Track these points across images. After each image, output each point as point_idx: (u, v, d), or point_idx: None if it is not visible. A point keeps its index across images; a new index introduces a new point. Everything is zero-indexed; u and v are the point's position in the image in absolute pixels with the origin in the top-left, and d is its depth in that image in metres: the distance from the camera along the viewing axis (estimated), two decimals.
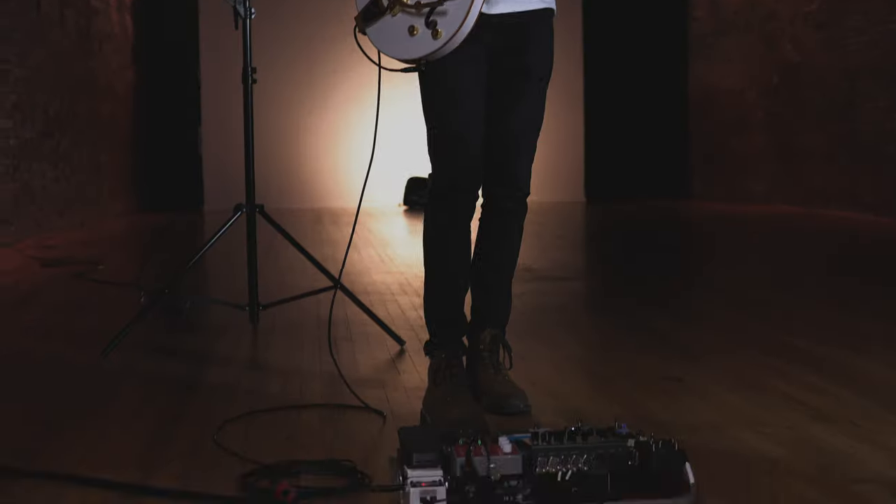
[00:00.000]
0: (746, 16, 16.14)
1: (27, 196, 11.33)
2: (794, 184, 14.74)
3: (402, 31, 3.67)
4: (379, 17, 3.72)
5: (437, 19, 3.61)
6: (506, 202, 3.92)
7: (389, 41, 3.70)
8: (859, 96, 13.00)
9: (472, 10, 3.57)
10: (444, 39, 3.60)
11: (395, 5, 3.68)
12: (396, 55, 3.70)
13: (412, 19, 3.65)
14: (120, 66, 15.99)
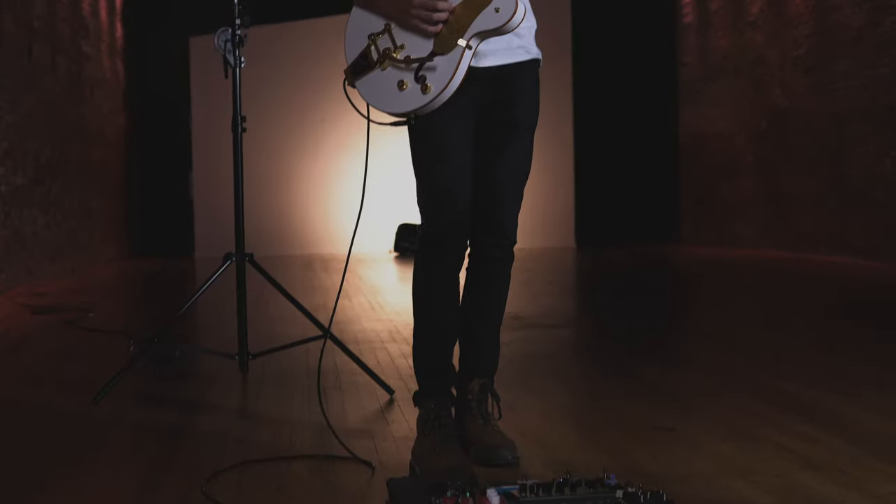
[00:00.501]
0: (735, 61, 16.22)
1: (18, 243, 11.33)
2: (784, 228, 14.78)
3: (391, 85, 3.69)
4: (368, 70, 3.74)
5: (427, 74, 3.63)
6: (492, 251, 3.93)
7: (379, 95, 3.72)
8: (848, 141, 13.05)
9: (460, 65, 3.60)
10: (433, 94, 3.62)
11: (385, 59, 3.71)
12: (386, 109, 3.72)
13: (401, 74, 3.68)
14: (111, 112, 16.03)
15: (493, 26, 3.59)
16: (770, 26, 15.19)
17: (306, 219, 17.65)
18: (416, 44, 3.67)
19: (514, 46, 3.83)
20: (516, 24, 3.59)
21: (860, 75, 12.80)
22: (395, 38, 3.71)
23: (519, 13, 3.57)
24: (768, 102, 15.27)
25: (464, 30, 3.61)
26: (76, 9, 14.05)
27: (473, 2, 3.61)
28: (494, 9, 3.58)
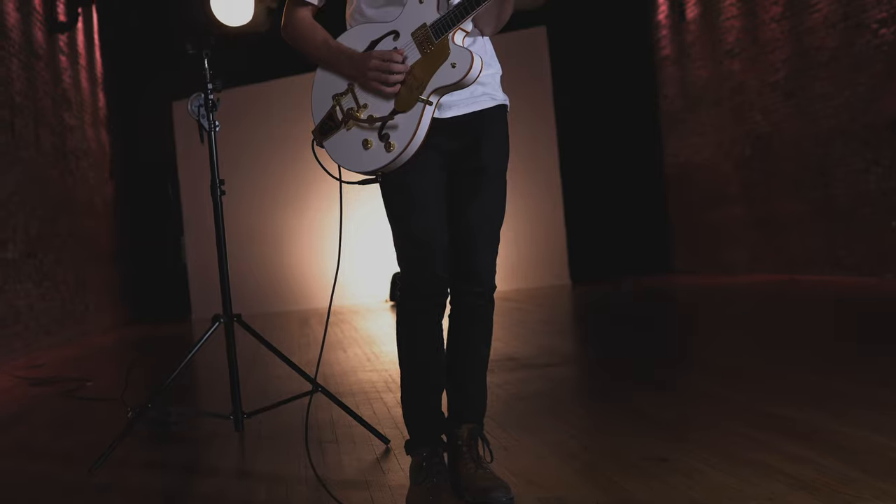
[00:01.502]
0: (715, 90, 16.31)
1: (13, 316, 11.35)
2: (775, 252, 14.82)
3: (356, 144, 3.75)
4: (335, 130, 3.81)
5: (390, 132, 3.69)
6: (471, 298, 3.95)
7: (345, 155, 3.78)
8: (832, 160, 13.12)
9: (422, 121, 3.65)
10: (397, 152, 3.68)
11: (349, 120, 3.77)
12: (353, 168, 3.77)
13: (366, 133, 3.74)
14: (98, 182, 16.09)
15: (451, 81, 3.64)
16: (746, 53, 15.29)
17: (300, 274, 17.68)
18: (378, 103, 3.73)
19: (478, 94, 3.85)
20: (474, 78, 3.64)
21: (838, 96, 12.88)
22: (357, 98, 3.77)
23: (475, 67, 3.63)
24: (750, 129, 15.35)
25: (423, 87, 3.66)
26: (57, 81, 14.13)
27: (431, 59, 3.66)
28: (451, 64, 3.63)
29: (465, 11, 3.63)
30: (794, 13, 13.81)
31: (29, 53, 12.80)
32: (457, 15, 3.64)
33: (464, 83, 3.65)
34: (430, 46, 3.67)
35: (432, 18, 3.67)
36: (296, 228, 17.63)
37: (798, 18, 13.72)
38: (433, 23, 3.67)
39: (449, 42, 3.66)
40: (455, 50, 3.65)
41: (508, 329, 10.30)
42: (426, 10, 3.68)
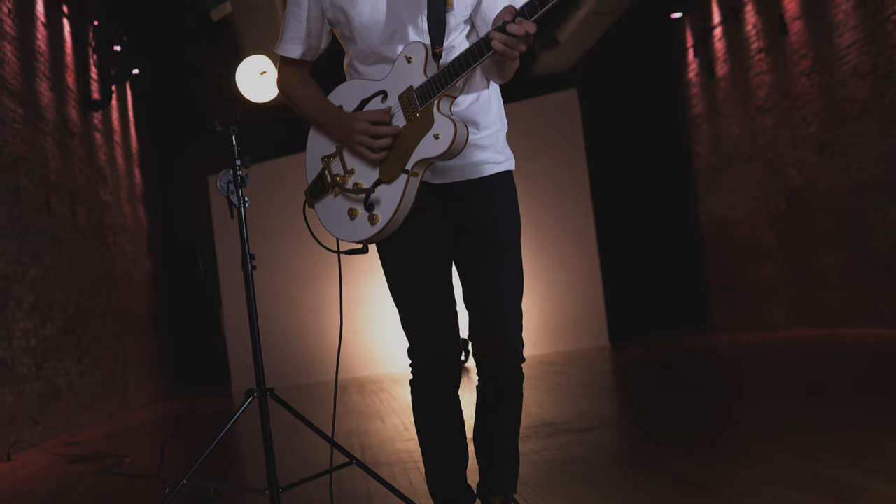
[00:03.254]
0: (748, 146, 16.30)
1: (52, 394, 11.38)
2: (814, 306, 14.73)
3: (343, 212, 3.71)
4: (324, 194, 3.77)
5: (375, 203, 3.63)
6: (501, 375, 3.82)
7: (333, 221, 3.75)
8: (868, 212, 13.05)
9: (405, 195, 3.58)
10: (380, 225, 3.62)
11: (336, 186, 3.72)
12: (339, 236, 3.74)
13: (351, 202, 3.69)
14: (136, 256, 16.18)
15: (434, 154, 3.54)
16: (778, 108, 15.28)
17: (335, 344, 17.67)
18: (365, 169, 3.66)
19: (478, 161, 3.74)
20: (459, 149, 3.53)
21: (872, 147, 12.83)
22: (345, 163, 3.71)
23: (460, 138, 3.51)
24: (785, 183, 15.31)
25: (407, 156, 3.58)
26: (92, 159, 14.25)
27: (415, 127, 3.58)
28: (434, 135, 3.53)
29: (450, 78, 3.54)
30: (824, 66, 13.79)
31: (64, 132, 12.92)
32: (441, 81, 3.54)
33: (448, 155, 3.54)
34: (416, 113, 3.58)
35: (418, 82, 3.58)
36: (329, 298, 17.64)
37: (828, 71, 13.71)
38: (419, 87, 3.58)
39: (433, 110, 3.56)
40: (439, 120, 3.54)
41: (547, 393, 10.24)
42: (413, 72, 3.60)
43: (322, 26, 3.80)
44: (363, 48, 3.72)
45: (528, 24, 3.39)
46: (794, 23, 14.46)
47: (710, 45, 17.47)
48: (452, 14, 3.67)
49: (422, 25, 3.65)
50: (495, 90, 3.83)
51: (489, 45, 3.44)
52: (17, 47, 11.33)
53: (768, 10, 15.21)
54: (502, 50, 3.42)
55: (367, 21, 3.67)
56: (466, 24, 3.74)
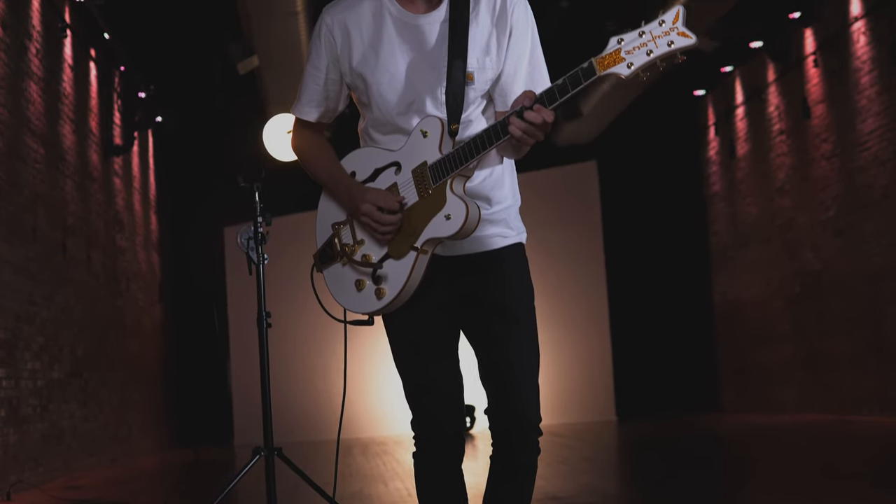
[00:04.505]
0: (765, 226, 16.29)
1: (56, 436, 11.34)
2: (825, 391, 14.66)
3: (350, 282, 3.65)
4: (333, 261, 3.70)
5: (382, 277, 3.58)
6: (515, 450, 3.69)
7: (340, 290, 3.69)
8: (884, 298, 13.00)
9: (414, 271, 3.53)
10: (387, 299, 3.56)
11: (344, 256, 3.67)
12: (345, 305, 3.68)
13: (359, 274, 3.63)
14: (147, 304, 16.18)
15: (444, 235, 3.50)
16: (797, 191, 15.28)
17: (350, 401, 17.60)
18: (373, 243, 3.61)
19: (488, 234, 3.66)
20: (470, 230, 3.49)
21: (890, 234, 12.81)
22: (355, 233, 3.66)
23: (471, 221, 3.47)
24: (800, 266, 15.28)
25: (417, 234, 3.53)
26: (110, 203, 14.27)
27: (427, 204, 3.53)
28: (445, 216, 3.48)
29: (464, 159, 3.48)
30: (845, 150, 13.80)
31: (84, 175, 12.96)
32: (455, 161, 3.49)
33: (459, 236, 3.49)
34: (428, 191, 3.52)
35: (433, 158, 3.52)
36: (338, 356, 17.56)
37: (848, 156, 13.71)
38: (433, 163, 3.52)
39: (446, 190, 3.49)
40: (451, 200, 3.48)
41: (552, 466, 10.16)
42: (428, 147, 3.54)
43: (340, 90, 3.75)
44: (379, 116, 3.67)
45: (547, 113, 3.37)
46: (816, 106, 14.48)
47: (732, 125, 17.51)
48: (472, 88, 3.62)
49: (440, 98, 3.60)
50: (509, 165, 3.76)
51: (506, 130, 3.41)
52: (44, 88, 11.38)
53: (792, 93, 15.25)
54: (519, 136, 3.40)
55: (385, 89, 3.62)
56: (484, 99, 3.68)
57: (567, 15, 13.68)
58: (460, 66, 3.57)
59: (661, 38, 3.30)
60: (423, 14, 3.63)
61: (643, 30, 3.33)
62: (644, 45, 3.31)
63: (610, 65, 3.34)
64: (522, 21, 3.66)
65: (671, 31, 3.29)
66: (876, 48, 12.84)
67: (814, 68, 14.43)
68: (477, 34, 3.61)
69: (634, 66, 3.32)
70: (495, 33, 3.63)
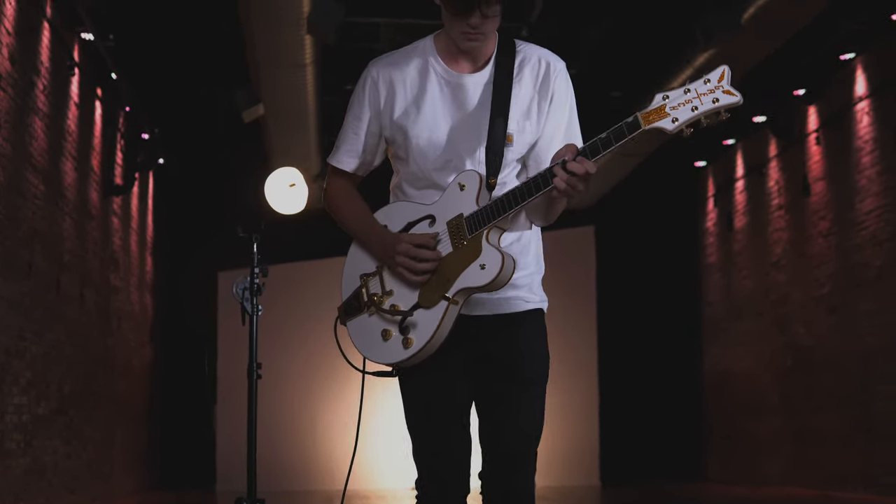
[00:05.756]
0: (759, 300, 16.31)
1: (37, 472, 11.28)
2: (811, 467, 14.63)
3: (376, 333, 3.63)
4: (358, 312, 3.68)
5: (410, 327, 3.56)
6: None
7: (364, 340, 3.66)
8: (874, 378, 13.01)
9: (444, 321, 3.52)
10: (414, 349, 3.55)
11: (372, 305, 3.65)
12: (369, 356, 3.65)
13: (386, 323, 3.61)
14: (138, 344, 16.16)
15: (478, 284, 3.50)
16: (793, 266, 15.31)
17: (327, 453, 17.52)
18: (404, 292, 3.60)
19: (510, 296, 3.69)
20: (503, 283, 3.51)
21: (884, 314, 12.82)
22: (384, 283, 3.65)
23: (506, 272, 3.49)
24: (792, 341, 15.28)
25: (449, 284, 3.53)
26: (107, 243, 14.28)
27: (461, 255, 3.54)
28: (480, 265, 3.50)
29: (504, 209, 3.51)
30: (842, 229, 13.84)
31: (82, 213, 12.97)
32: (494, 212, 3.52)
33: (492, 287, 3.51)
34: (463, 241, 3.54)
35: (470, 210, 3.55)
36: (325, 406, 17.53)
37: (846, 234, 13.75)
38: (469, 215, 3.55)
39: (482, 240, 3.52)
40: (487, 250, 3.51)
41: None
42: (465, 200, 3.57)
43: (378, 143, 3.78)
44: (415, 171, 3.69)
45: (589, 164, 3.40)
46: (816, 183, 14.54)
47: (731, 197, 17.56)
48: (510, 149, 3.65)
49: (479, 157, 3.64)
50: (536, 234, 3.80)
51: (548, 181, 3.44)
52: (48, 124, 11.41)
53: (792, 169, 15.31)
54: (563, 188, 3.42)
55: (425, 144, 3.66)
56: (519, 163, 3.72)
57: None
58: (501, 126, 3.62)
59: (707, 95, 3.34)
60: (468, 74, 3.69)
61: (688, 87, 3.37)
62: (689, 101, 3.35)
63: (655, 119, 3.37)
64: (563, 90, 3.72)
65: (716, 90, 3.33)
66: (879, 128, 12.91)
67: (816, 145, 14.50)
68: (519, 98, 3.67)
69: (679, 121, 3.35)
70: (537, 99, 3.69)
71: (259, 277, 5.53)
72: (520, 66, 3.69)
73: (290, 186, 7.33)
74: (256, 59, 12.42)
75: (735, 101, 3.33)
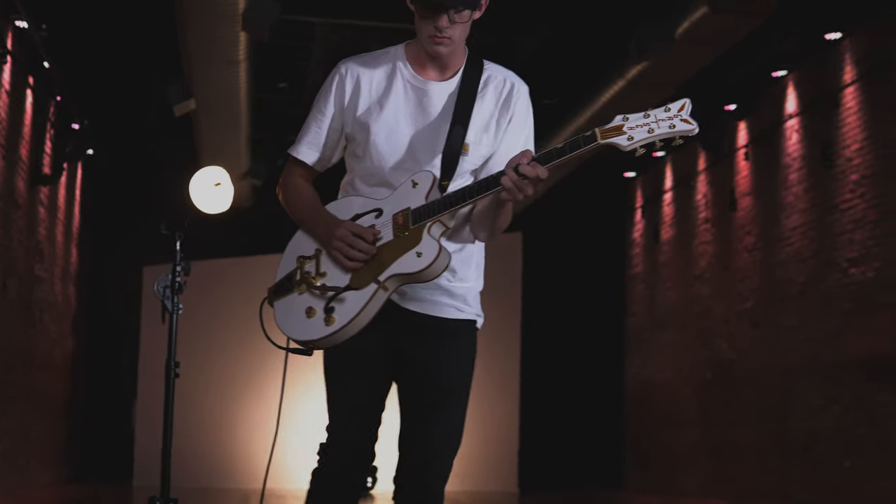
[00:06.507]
0: (682, 313, 16.42)
1: None
2: (727, 480, 14.76)
3: (301, 310, 3.67)
4: (288, 292, 3.73)
5: (336, 306, 3.61)
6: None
7: (287, 319, 3.71)
8: (793, 394, 13.14)
9: (370, 304, 3.58)
10: (335, 327, 3.60)
11: (303, 283, 3.71)
12: (289, 334, 3.70)
13: (313, 301, 3.66)
14: (59, 336, 16.00)
15: (411, 270, 3.57)
16: (717, 280, 15.43)
17: (246, 451, 17.44)
18: (336, 274, 3.66)
19: (444, 303, 3.77)
20: (436, 273, 3.58)
21: (804, 330, 12.96)
22: (319, 265, 3.70)
23: (440, 262, 3.56)
24: (714, 354, 15.40)
25: (384, 268, 3.60)
26: (32, 233, 14.13)
27: (400, 243, 3.61)
28: (416, 253, 3.58)
29: (450, 204, 3.60)
30: (767, 244, 13.98)
31: (8, 202, 12.82)
32: (441, 205, 3.60)
33: (424, 275, 3.57)
34: (406, 231, 3.62)
35: (417, 204, 3.63)
36: (245, 405, 17.45)
37: (770, 250, 13.88)
38: (416, 208, 3.62)
39: (424, 231, 3.60)
40: (426, 240, 3.59)
41: None
42: (415, 196, 3.64)
43: (339, 140, 3.86)
44: (370, 168, 3.77)
45: (541, 169, 3.51)
46: (743, 198, 14.67)
47: (659, 209, 17.68)
48: (466, 159, 3.75)
49: (435, 161, 3.72)
50: (479, 249, 3.88)
51: (497, 182, 3.54)
52: None
53: (720, 183, 15.43)
54: (509, 187, 3.51)
55: (383, 143, 3.74)
56: (472, 175, 3.79)
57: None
58: (460, 135, 3.72)
59: (665, 121, 3.50)
60: (434, 81, 3.79)
61: (649, 112, 3.53)
62: (647, 124, 3.51)
63: (611, 136, 3.53)
64: (523, 112, 3.84)
65: (674, 118, 3.50)
66: (807, 146, 13.06)
67: (744, 161, 14.63)
68: (481, 111, 3.77)
69: (635, 139, 3.51)
70: (497, 115, 3.80)
71: (181, 275, 5.50)
72: (485, 82, 3.81)
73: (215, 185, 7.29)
74: (190, 53, 12.35)
75: (690, 129, 3.49)
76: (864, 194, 11.88)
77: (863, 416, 11.78)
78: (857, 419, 11.87)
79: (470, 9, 3.65)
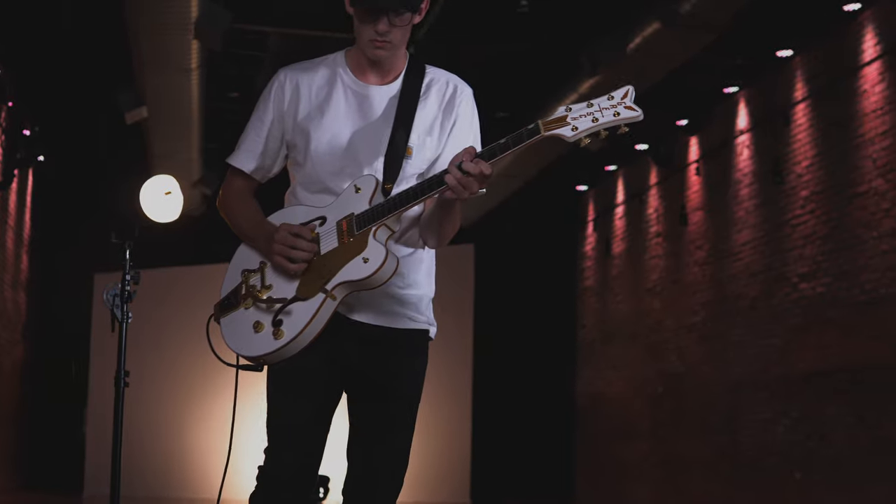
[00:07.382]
0: (632, 325, 16.49)
1: None
2: (676, 492, 14.82)
3: (248, 325, 3.60)
4: (234, 308, 3.66)
5: (283, 319, 3.53)
6: None
7: (235, 335, 3.64)
8: (742, 407, 13.22)
9: (318, 314, 3.51)
10: (284, 341, 3.52)
11: (249, 298, 3.63)
12: (238, 350, 3.62)
13: (261, 315, 3.59)
14: (9, 343, 15.89)
15: (359, 277, 3.49)
16: (667, 293, 15.51)
17: (197, 461, 17.36)
18: (283, 285, 3.58)
19: (396, 312, 3.69)
20: (384, 278, 3.49)
21: (754, 344, 13.04)
22: (265, 277, 3.63)
23: (388, 267, 3.48)
24: (664, 367, 15.47)
25: (330, 276, 3.52)
26: None
27: (346, 249, 3.54)
28: (363, 259, 3.50)
29: (395, 206, 3.52)
30: (718, 259, 14.06)
31: None
32: (385, 209, 3.52)
33: (372, 281, 3.49)
34: (350, 237, 3.54)
35: (361, 209, 3.56)
36: (196, 414, 17.37)
37: (721, 264, 13.97)
38: (360, 213, 3.55)
39: (370, 236, 3.52)
40: (372, 245, 3.51)
41: None
42: (359, 201, 3.57)
43: (279, 148, 3.78)
44: (311, 175, 3.70)
45: (485, 165, 3.41)
46: (694, 213, 14.75)
47: (611, 222, 17.75)
48: (409, 162, 3.68)
49: (377, 166, 3.66)
50: (430, 255, 3.80)
51: (442, 181, 3.46)
52: None
53: (671, 197, 15.52)
54: (454, 185, 3.43)
55: (324, 149, 3.67)
56: (418, 180, 3.70)
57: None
58: (403, 138, 3.66)
59: (608, 109, 3.43)
60: (375, 86, 3.74)
61: (592, 101, 3.45)
62: (591, 113, 3.43)
63: (554, 127, 3.43)
64: (468, 114, 3.79)
65: (618, 105, 3.43)
66: (758, 162, 13.15)
67: (695, 176, 14.72)
68: (424, 114, 3.72)
69: (579, 129, 3.41)
70: (440, 118, 3.74)
71: (130, 284, 5.48)
72: (427, 85, 3.75)
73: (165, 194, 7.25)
74: (142, 60, 12.29)
75: (635, 116, 3.42)
76: (815, 210, 11.97)
77: (812, 430, 11.87)
78: (807, 432, 11.96)
79: (410, 11, 3.61)
